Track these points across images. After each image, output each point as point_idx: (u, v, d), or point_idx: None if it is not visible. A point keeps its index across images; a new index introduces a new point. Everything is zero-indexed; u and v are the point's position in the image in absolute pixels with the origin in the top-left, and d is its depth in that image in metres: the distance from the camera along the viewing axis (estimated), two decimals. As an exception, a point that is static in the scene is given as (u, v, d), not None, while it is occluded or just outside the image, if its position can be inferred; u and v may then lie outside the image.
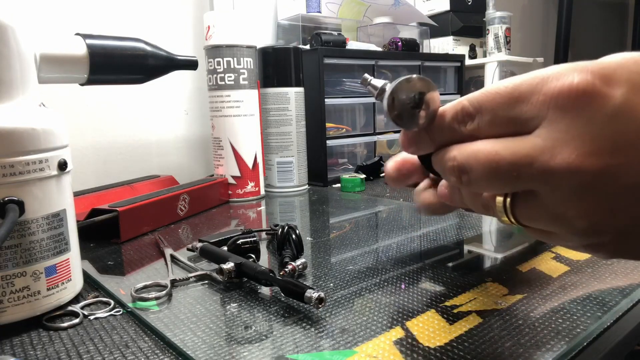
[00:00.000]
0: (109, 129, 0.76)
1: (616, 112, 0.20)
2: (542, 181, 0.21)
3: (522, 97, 0.22)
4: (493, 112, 0.23)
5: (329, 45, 0.81)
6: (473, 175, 0.23)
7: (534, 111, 0.21)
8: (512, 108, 0.22)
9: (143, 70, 0.47)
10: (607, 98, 0.20)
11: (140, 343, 0.29)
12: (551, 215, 0.22)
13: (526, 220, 0.24)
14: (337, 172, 0.85)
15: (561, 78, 0.21)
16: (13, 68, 0.33)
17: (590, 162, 0.20)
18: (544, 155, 0.21)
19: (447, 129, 0.25)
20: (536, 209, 0.23)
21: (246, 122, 0.69)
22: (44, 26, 0.68)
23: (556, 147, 0.20)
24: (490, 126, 0.23)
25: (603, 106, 0.20)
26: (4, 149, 0.30)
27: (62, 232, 0.34)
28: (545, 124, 0.21)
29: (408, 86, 0.25)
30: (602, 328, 0.28)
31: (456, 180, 0.24)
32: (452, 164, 0.24)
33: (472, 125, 0.24)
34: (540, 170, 0.21)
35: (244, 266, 0.36)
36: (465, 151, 0.24)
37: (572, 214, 0.21)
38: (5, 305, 0.30)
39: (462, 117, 0.24)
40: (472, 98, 0.24)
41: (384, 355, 0.26)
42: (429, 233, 0.50)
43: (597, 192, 0.20)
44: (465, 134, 0.24)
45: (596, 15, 2.03)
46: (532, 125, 0.22)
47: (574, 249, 0.25)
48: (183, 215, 0.60)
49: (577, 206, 0.21)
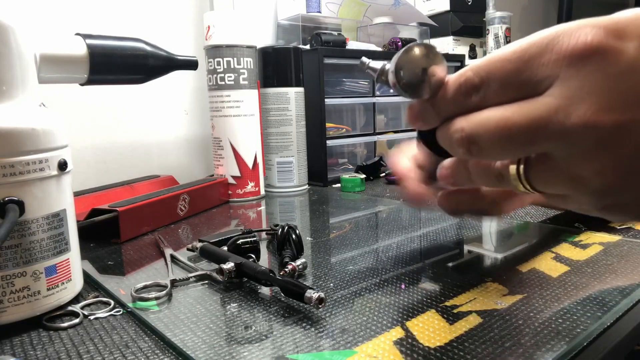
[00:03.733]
0: (109, 129, 0.76)
1: (630, 67, 0.19)
2: (558, 141, 0.21)
3: (532, 59, 0.21)
4: (501, 80, 0.22)
5: (329, 45, 0.81)
6: (483, 144, 0.23)
7: (546, 71, 0.21)
8: (522, 72, 0.22)
9: (143, 70, 0.47)
10: (621, 53, 0.20)
11: (140, 343, 0.29)
12: (567, 176, 0.22)
13: (542, 185, 0.24)
14: (337, 172, 0.85)
15: (573, 35, 0.20)
16: (13, 68, 0.33)
17: (607, 118, 0.19)
18: (559, 114, 0.20)
19: (452, 102, 0.24)
20: (551, 172, 0.22)
21: (246, 122, 0.69)
22: (44, 26, 0.68)
23: (571, 105, 0.20)
24: (499, 94, 0.23)
25: (617, 61, 0.20)
26: (4, 149, 0.30)
27: (62, 232, 0.34)
28: (558, 83, 0.21)
29: (411, 55, 0.25)
30: (602, 328, 0.28)
31: (465, 152, 0.24)
32: (459, 135, 0.24)
33: (478, 96, 0.23)
34: (556, 130, 0.20)
35: (244, 266, 0.36)
36: (473, 121, 0.23)
37: (588, 173, 0.21)
38: (5, 305, 0.30)
39: (467, 89, 0.24)
40: (477, 67, 0.23)
41: (384, 355, 0.26)
42: (429, 233, 0.50)
43: (614, 148, 0.20)
44: (472, 106, 0.24)
45: (596, 15, 2.02)
46: (543, 86, 0.21)
47: (590, 213, 0.24)
48: (183, 215, 0.60)
49: (594, 165, 0.21)
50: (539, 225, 0.52)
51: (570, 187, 0.22)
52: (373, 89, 0.90)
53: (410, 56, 0.25)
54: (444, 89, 0.25)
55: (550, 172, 0.23)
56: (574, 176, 0.22)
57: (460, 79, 0.24)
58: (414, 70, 0.25)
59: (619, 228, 0.48)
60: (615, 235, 0.45)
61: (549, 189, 0.24)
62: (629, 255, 0.40)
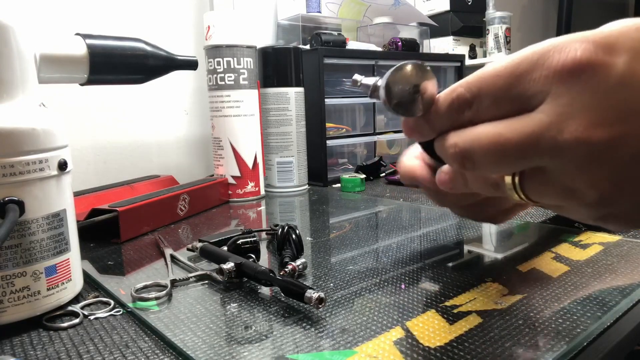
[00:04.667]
0: (109, 129, 0.76)
1: (620, 81, 0.19)
2: (551, 157, 0.21)
3: (523, 75, 0.22)
4: (493, 96, 0.23)
5: (329, 45, 0.81)
6: (477, 160, 0.23)
7: (537, 87, 0.21)
8: (513, 88, 0.22)
9: (143, 70, 0.47)
10: (611, 67, 0.20)
11: (140, 343, 0.29)
12: (561, 189, 0.22)
13: (537, 196, 0.24)
14: (337, 172, 0.85)
15: (563, 51, 0.21)
16: (13, 68, 0.33)
17: (598, 133, 0.20)
18: (550, 131, 0.20)
19: (445, 117, 0.25)
20: (546, 184, 0.23)
21: (246, 122, 0.69)
22: (44, 26, 0.68)
23: (562, 122, 0.20)
24: (491, 109, 0.23)
25: (607, 76, 0.20)
26: (4, 149, 0.30)
27: (62, 232, 0.34)
28: (549, 99, 0.21)
29: (400, 75, 0.25)
30: (602, 328, 0.28)
31: (460, 166, 0.24)
32: (453, 150, 0.24)
33: (470, 112, 0.24)
34: (548, 146, 0.21)
35: (244, 266, 0.36)
36: (466, 137, 0.23)
37: (582, 186, 0.21)
38: (5, 305, 0.30)
39: (459, 106, 0.24)
40: (468, 83, 0.24)
41: (384, 355, 0.26)
42: (429, 233, 0.50)
43: (606, 162, 0.20)
44: (465, 121, 0.24)
45: (596, 15, 2.02)
46: (534, 102, 0.21)
47: (585, 222, 0.25)
48: (183, 215, 0.60)
49: (587, 178, 0.21)
50: (539, 225, 0.52)
51: (565, 198, 0.23)
52: (373, 89, 0.89)
53: (400, 76, 0.25)
54: (436, 106, 0.25)
55: (544, 185, 0.23)
56: (568, 188, 0.22)
57: (452, 95, 0.24)
58: (403, 89, 0.25)
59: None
60: (615, 235, 0.45)
61: (544, 200, 0.24)
62: (629, 255, 0.40)
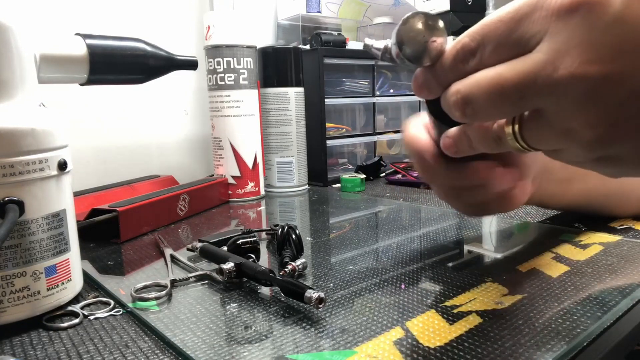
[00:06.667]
0: (109, 129, 0.76)
1: (616, 19, 0.20)
2: (547, 95, 0.21)
3: (524, 18, 0.22)
4: (496, 41, 0.23)
5: (329, 45, 0.81)
6: (477, 104, 0.23)
7: (536, 28, 0.22)
8: (514, 31, 0.22)
9: (143, 70, 0.47)
10: (607, 5, 0.20)
11: (140, 343, 0.29)
12: (559, 130, 0.22)
13: (536, 142, 0.24)
14: (337, 172, 0.85)
15: None
16: (13, 68, 0.33)
17: (593, 69, 0.20)
18: (546, 68, 0.21)
19: (451, 70, 0.25)
20: (544, 128, 0.23)
21: (246, 122, 0.69)
22: (44, 26, 0.68)
23: (558, 59, 0.20)
24: (494, 55, 0.23)
25: (603, 13, 0.20)
26: (4, 149, 0.30)
27: (62, 232, 0.34)
28: (547, 38, 0.21)
29: (413, 21, 0.25)
30: (602, 328, 0.28)
31: (461, 114, 0.25)
32: (455, 97, 0.24)
33: (474, 60, 0.24)
34: (544, 83, 0.21)
35: (244, 266, 0.36)
36: (468, 82, 0.24)
37: (579, 125, 0.21)
38: (5, 305, 0.30)
39: (464, 55, 0.24)
40: (473, 32, 0.24)
41: (384, 355, 0.26)
42: (429, 233, 0.50)
43: (602, 100, 0.20)
44: (470, 71, 0.24)
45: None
46: (534, 42, 0.22)
47: (585, 167, 0.25)
48: (183, 215, 0.60)
49: (583, 116, 0.21)
50: (539, 225, 0.52)
51: (563, 140, 0.23)
52: (373, 89, 0.90)
53: (409, 25, 0.25)
54: (442, 58, 0.26)
55: (543, 128, 0.23)
56: (565, 129, 0.22)
57: (457, 46, 0.25)
58: (415, 36, 0.25)
59: (619, 228, 0.48)
60: (615, 235, 0.45)
61: (544, 145, 0.25)
62: (629, 255, 0.40)
